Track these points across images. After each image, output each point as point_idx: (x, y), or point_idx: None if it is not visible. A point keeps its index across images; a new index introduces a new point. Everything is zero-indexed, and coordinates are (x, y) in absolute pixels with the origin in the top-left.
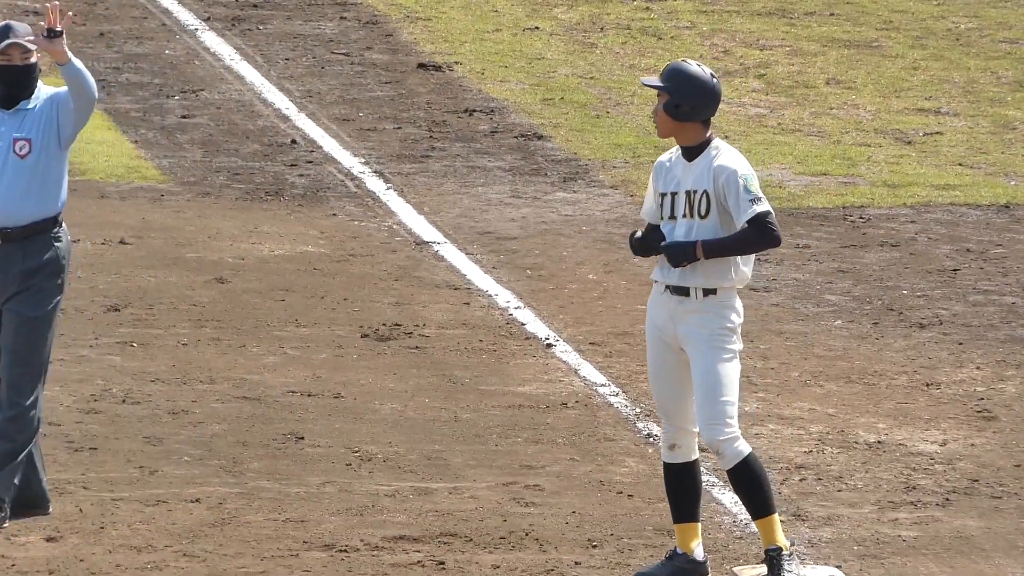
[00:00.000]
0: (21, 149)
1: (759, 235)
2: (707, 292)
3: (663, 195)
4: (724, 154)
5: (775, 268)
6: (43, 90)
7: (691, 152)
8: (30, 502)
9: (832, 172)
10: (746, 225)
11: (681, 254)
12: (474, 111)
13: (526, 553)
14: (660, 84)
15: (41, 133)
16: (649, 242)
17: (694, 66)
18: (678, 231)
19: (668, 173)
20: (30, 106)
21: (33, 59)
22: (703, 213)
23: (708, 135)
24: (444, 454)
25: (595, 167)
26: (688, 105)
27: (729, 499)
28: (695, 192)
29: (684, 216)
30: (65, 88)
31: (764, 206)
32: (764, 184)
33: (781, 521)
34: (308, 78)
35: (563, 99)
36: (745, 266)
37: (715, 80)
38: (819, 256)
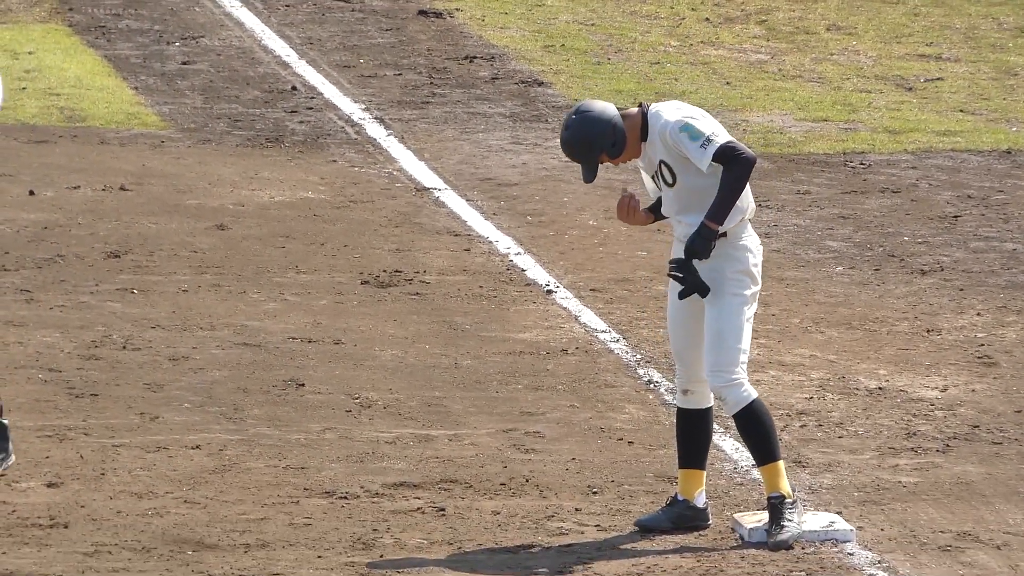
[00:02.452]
0: None
1: (735, 170)
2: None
3: (652, 177)
4: (660, 115)
5: (776, 214)
6: None
7: (643, 132)
8: None
9: (833, 118)
10: (713, 167)
11: (703, 243)
12: (475, 58)
13: (526, 499)
14: (592, 159)
15: None
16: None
17: (573, 130)
18: (670, 201)
19: (644, 156)
20: None
21: None
22: (670, 181)
23: (641, 110)
24: (444, 401)
25: None
26: (612, 135)
27: (730, 445)
28: (661, 164)
29: (665, 187)
30: None
31: (718, 141)
32: (765, 130)
33: None
34: (308, 25)
35: (564, 46)
36: (741, 200)
37: (589, 103)
38: (820, 202)
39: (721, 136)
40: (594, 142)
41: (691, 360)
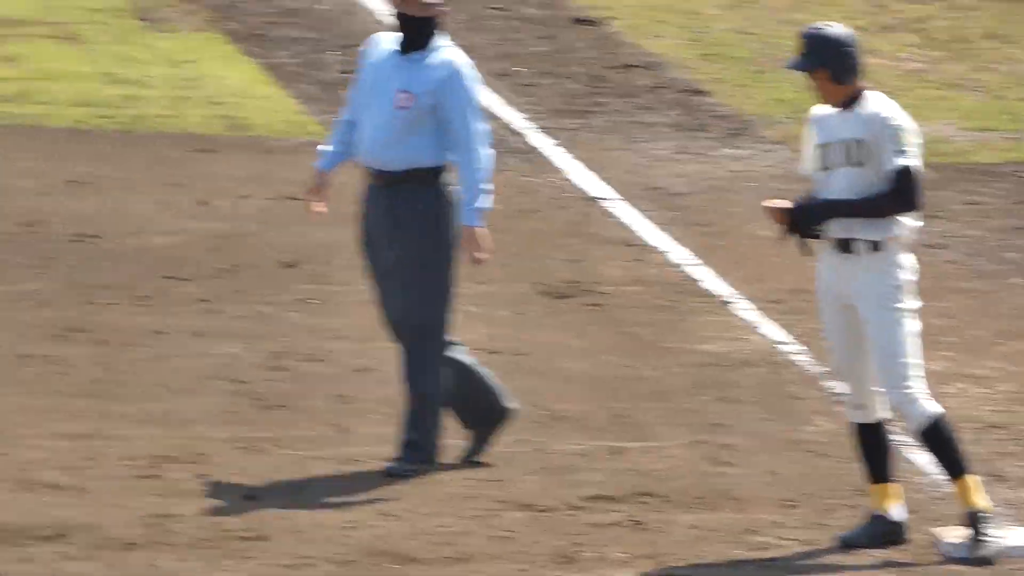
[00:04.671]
0: (403, 101)
1: (895, 200)
2: (872, 246)
3: (818, 146)
4: (881, 102)
5: (947, 224)
6: (446, 52)
7: (847, 102)
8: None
9: (997, 128)
10: (887, 180)
11: (808, 216)
12: (633, 66)
13: (723, 513)
14: (814, 64)
15: (424, 92)
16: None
17: (832, 29)
18: (838, 181)
19: (824, 123)
20: (424, 59)
21: (429, 14)
22: (861, 162)
23: (862, 84)
24: (632, 412)
25: (759, 123)
26: (849, 69)
27: (926, 459)
28: (853, 141)
29: (842, 165)
30: (462, 70)
31: (910, 160)
32: (928, 139)
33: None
34: (464, 32)
35: (721, 54)
36: (915, 221)
37: (852, 32)
38: (991, 213)
39: (918, 163)
40: (831, 50)
41: (858, 374)
